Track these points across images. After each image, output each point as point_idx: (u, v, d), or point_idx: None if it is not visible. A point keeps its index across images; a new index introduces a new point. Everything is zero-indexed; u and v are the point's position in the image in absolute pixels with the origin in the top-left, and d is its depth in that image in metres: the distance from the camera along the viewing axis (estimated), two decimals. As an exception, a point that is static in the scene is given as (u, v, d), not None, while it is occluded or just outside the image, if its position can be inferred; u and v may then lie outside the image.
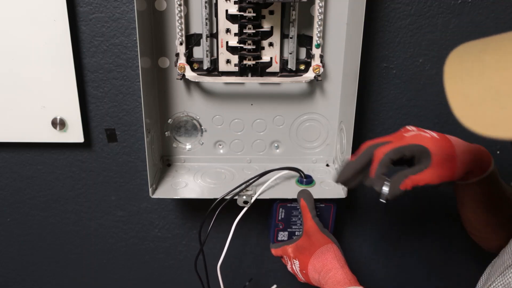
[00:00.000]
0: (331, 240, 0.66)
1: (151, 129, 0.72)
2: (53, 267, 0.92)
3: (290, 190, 0.74)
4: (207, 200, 0.72)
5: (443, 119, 0.80)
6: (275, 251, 0.73)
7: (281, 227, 0.78)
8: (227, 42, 0.70)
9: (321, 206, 0.77)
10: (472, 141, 0.82)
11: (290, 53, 0.71)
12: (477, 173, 0.59)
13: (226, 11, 0.68)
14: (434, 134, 0.59)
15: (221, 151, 0.80)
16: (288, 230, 0.78)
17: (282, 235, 0.78)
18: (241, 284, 0.95)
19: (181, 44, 0.69)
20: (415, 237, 0.91)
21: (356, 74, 0.65)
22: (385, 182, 0.57)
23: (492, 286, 0.56)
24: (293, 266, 0.69)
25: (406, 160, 0.58)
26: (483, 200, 0.62)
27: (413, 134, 0.59)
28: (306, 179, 0.75)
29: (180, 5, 0.66)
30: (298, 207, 0.77)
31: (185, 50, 0.69)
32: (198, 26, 0.70)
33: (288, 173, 0.78)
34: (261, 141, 0.80)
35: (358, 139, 0.80)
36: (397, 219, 0.89)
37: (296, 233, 0.79)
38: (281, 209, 0.76)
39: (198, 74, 0.71)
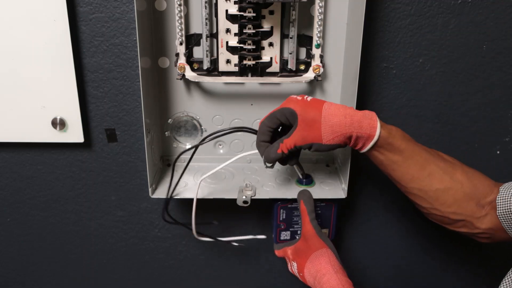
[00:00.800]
0: (327, 244, 0.66)
1: (151, 129, 0.72)
2: (53, 267, 0.92)
3: (290, 190, 0.74)
4: (207, 200, 0.73)
5: (443, 119, 0.80)
6: (277, 252, 0.73)
7: (283, 227, 0.78)
8: (227, 42, 0.70)
9: (322, 205, 0.77)
10: (471, 142, 0.83)
11: (290, 53, 0.71)
12: (365, 140, 0.60)
13: (226, 11, 0.68)
14: (309, 98, 0.62)
15: (221, 151, 0.80)
16: (290, 229, 0.79)
17: (285, 235, 0.78)
18: (241, 284, 0.95)
19: (181, 44, 0.69)
20: (415, 237, 0.91)
21: (356, 74, 0.65)
22: (266, 149, 0.66)
23: None
24: (292, 268, 0.69)
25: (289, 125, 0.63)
26: (390, 170, 0.63)
27: (288, 98, 0.63)
28: (306, 179, 0.75)
29: (180, 5, 0.66)
30: (298, 207, 0.77)
31: (185, 50, 0.69)
32: (198, 26, 0.70)
33: (288, 172, 0.78)
34: (261, 141, 0.79)
35: (358, 139, 0.80)
36: (397, 219, 0.89)
37: (298, 232, 0.79)
38: (282, 210, 0.77)
39: (198, 74, 0.71)
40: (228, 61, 0.71)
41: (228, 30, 0.69)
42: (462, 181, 0.61)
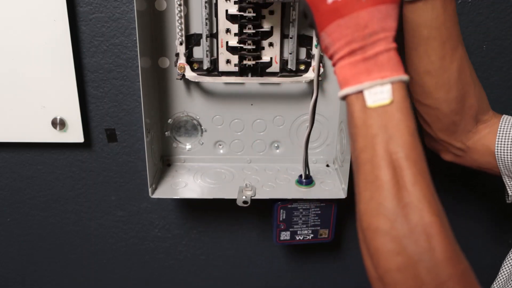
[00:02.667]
0: None
1: (151, 129, 0.72)
2: (53, 267, 0.92)
3: (290, 190, 0.74)
4: (207, 200, 0.73)
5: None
6: None
7: (283, 227, 0.78)
8: (227, 42, 0.70)
9: (322, 205, 0.77)
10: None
11: (290, 53, 0.71)
12: None
13: (226, 11, 0.68)
14: None
15: (221, 151, 0.80)
16: (290, 229, 0.79)
17: (285, 235, 0.78)
18: (240, 285, 0.95)
19: (181, 44, 0.69)
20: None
21: (356, 74, 0.65)
22: None
23: None
24: None
25: None
26: (441, 28, 0.53)
27: None
28: (306, 179, 0.75)
29: (180, 5, 0.66)
30: (299, 207, 0.77)
31: (185, 50, 0.69)
32: (198, 26, 0.70)
33: (288, 172, 0.78)
34: (261, 141, 0.80)
35: (358, 139, 0.80)
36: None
37: (298, 232, 0.79)
38: (282, 210, 0.77)
39: (198, 74, 0.71)
40: (228, 61, 0.71)
41: (228, 30, 0.69)
42: (476, 83, 0.57)
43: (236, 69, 0.72)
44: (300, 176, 0.75)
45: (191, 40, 0.71)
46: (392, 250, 0.38)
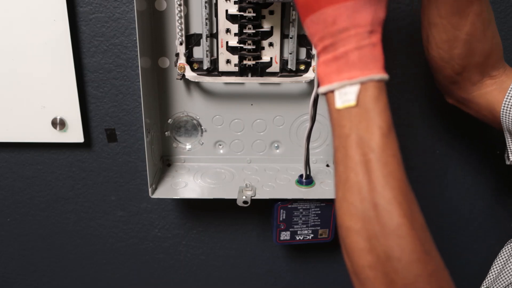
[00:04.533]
0: None
1: (151, 129, 0.72)
2: (53, 267, 0.92)
3: (290, 190, 0.74)
4: (207, 200, 0.73)
5: (443, 119, 0.80)
6: None
7: (283, 227, 0.78)
8: (227, 42, 0.70)
9: (322, 205, 0.77)
10: (471, 142, 0.83)
11: (290, 53, 0.71)
12: None
13: (226, 11, 0.68)
14: None
15: (221, 151, 0.80)
16: (290, 229, 0.79)
17: (285, 235, 0.78)
18: (240, 285, 0.95)
19: (181, 44, 0.69)
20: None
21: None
22: None
23: None
24: None
25: None
26: None
27: None
28: (306, 179, 0.75)
29: (180, 5, 0.66)
30: (299, 207, 0.77)
31: (185, 50, 0.70)
32: (198, 26, 0.70)
33: (288, 172, 0.78)
34: (261, 141, 0.80)
35: (358, 139, 0.80)
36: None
37: (298, 232, 0.79)
38: (282, 210, 0.77)
39: (198, 74, 0.71)
40: (228, 61, 0.71)
41: (228, 30, 0.69)
42: (489, 39, 0.55)
43: (236, 69, 0.72)
44: (300, 176, 0.75)
45: (191, 40, 0.71)
46: (363, 249, 0.39)
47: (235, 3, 0.67)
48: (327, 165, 0.82)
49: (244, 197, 0.71)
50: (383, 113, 0.40)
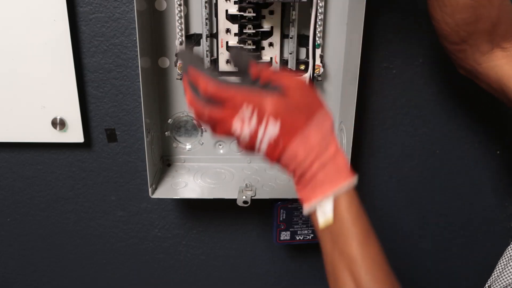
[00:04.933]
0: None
1: (151, 129, 0.72)
2: (53, 267, 0.92)
3: (290, 190, 0.74)
4: (207, 200, 0.73)
5: (443, 119, 0.80)
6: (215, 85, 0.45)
7: (283, 227, 0.78)
8: (227, 42, 0.70)
9: None
10: (471, 142, 0.83)
11: (290, 53, 0.71)
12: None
13: (226, 11, 0.68)
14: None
15: (221, 151, 0.80)
16: (290, 229, 0.79)
17: (285, 235, 0.78)
18: (240, 285, 0.95)
19: (181, 44, 0.69)
20: (414, 238, 0.91)
21: (356, 74, 0.65)
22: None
23: None
24: (260, 130, 0.44)
25: None
26: None
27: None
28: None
29: (180, 5, 0.66)
30: (299, 207, 0.77)
31: (185, 50, 0.70)
32: (198, 26, 0.70)
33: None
34: (261, 141, 0.79)
35: (358, 139, 0.80)
36: (396, 219, 0.89)
37: (299, 232, 0.79)
38: (282, 210, 0.77)
39: (198, 74, 0.71)
40: (228, 61, 0.71)
41: (228, 30, 0.69)
42: (495, 7, 0.53)
43: (236, 69, 0.72)
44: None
45: (191, 40, 0.71)
46: None
47: (235, 3, 0.67)
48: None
49: (244, 197, 0.71)
50: (357, 220, 0.45)
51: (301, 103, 0.46)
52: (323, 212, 0.44)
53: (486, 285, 0.62)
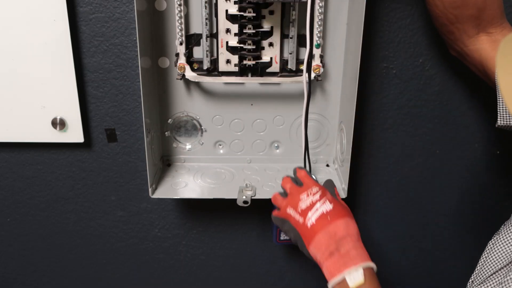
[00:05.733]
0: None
1: (151, 129, 0.72)
2: (53, 267, 0.92)
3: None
4: (207, 200, 0.73)
5: (443, 119, 0.80)
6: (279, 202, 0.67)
7: None
8: (227, 42, 0.70)
9: None
10: (471, 142, 0.83)
11: (290, 53, 0.71)
12: None
13: (226, 11, 0.68)
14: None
15: (221, 151, 0.80)
16: None
17: (285, 235, 0.78)
18: (240, 285, 0.95)
19: (181, 44, 0.69)
20: (415, 238, 0.91)
21: (356, 74, 0.65)
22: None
23: None
24: (319, 203, 0.61)
25: None
26: None
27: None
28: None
29: (180, 5, 0.66)
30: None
31: (185, 50, 0.69)
32: (198, 26, 0.70)
33: (288, 172, 0.78)
34: (261, 141, 0.80)
35: (358, 139, 0.80)
36: (396, 219, 0.89)
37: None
38: None
39: (198, 74, 0.71)
40: (228, 61, 0.71)
41: (228, 30, 0.69)
42: None
43: (236, 69, 0.72)
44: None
45: (191, 40, 0.71)
46: None
47: (235, 3, 0.67)
48: (327, 165, 0.82)
49: (244, 197, 0.71)
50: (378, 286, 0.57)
51: (345, 206, 0.64)
52: (353, 278, 0.55)
53: (470, 280, 0.64)
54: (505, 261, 0.60)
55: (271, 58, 0.71)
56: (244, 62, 0.70)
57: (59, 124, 0.76)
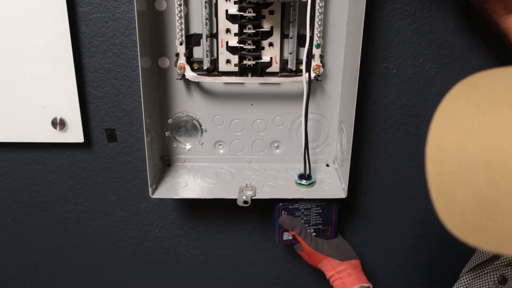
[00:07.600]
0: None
1: (151, 129, 0.72)
2: (53, 267, 0.92)
3: (290, 190, 0.74)
4: (207, 200, 0.73)
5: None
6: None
7: (284, 227, 0.78)
8: (227, 42, 0.70)
9: (323, 204, 0.77)
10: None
11: (290, 53, 0.71)
12: None
13: (226, 11, 0.68)
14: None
15: (221, 151, 0.80)
16: None
17: (287, 235, 0.78)
18: (240, 285, 0.95)
19: (181, 44, 0.69)
20: (415, 237, 0.91)
21: (356, 74, 0.65)
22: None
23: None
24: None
25: None
26: None
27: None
28: (306, 179, 0.75)
29: (180, 5, 0.66)
30: (300, 208, 0.77)
31: (185, 50, 0.69)
32: (198, 26, 0.70)
33: (288, 172, 0.78)
34: (261, 141, 0.80)
35: (358, 139, 0.80)
36: (397, 219, 0.89)
37: None
38: (283, 211, 0.77)
39: (198, 74, 0.71)
40: (228, 61, 0.71)
41: (228, 30, 0.69)
42: None
43: (236, 69, 0.72)
44: (300, 176, 0.75)
45: (191, 40, 0.71)
46: None
47: (235, 3, 0.67)
48: (327, 165, 0.82)
49: (244, 197, 0.71)
50: None
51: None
52: None
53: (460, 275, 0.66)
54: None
55: (271, 58, 0.72)
56: (244, 62, 0.71)
57: (59, 124, 0.76)
